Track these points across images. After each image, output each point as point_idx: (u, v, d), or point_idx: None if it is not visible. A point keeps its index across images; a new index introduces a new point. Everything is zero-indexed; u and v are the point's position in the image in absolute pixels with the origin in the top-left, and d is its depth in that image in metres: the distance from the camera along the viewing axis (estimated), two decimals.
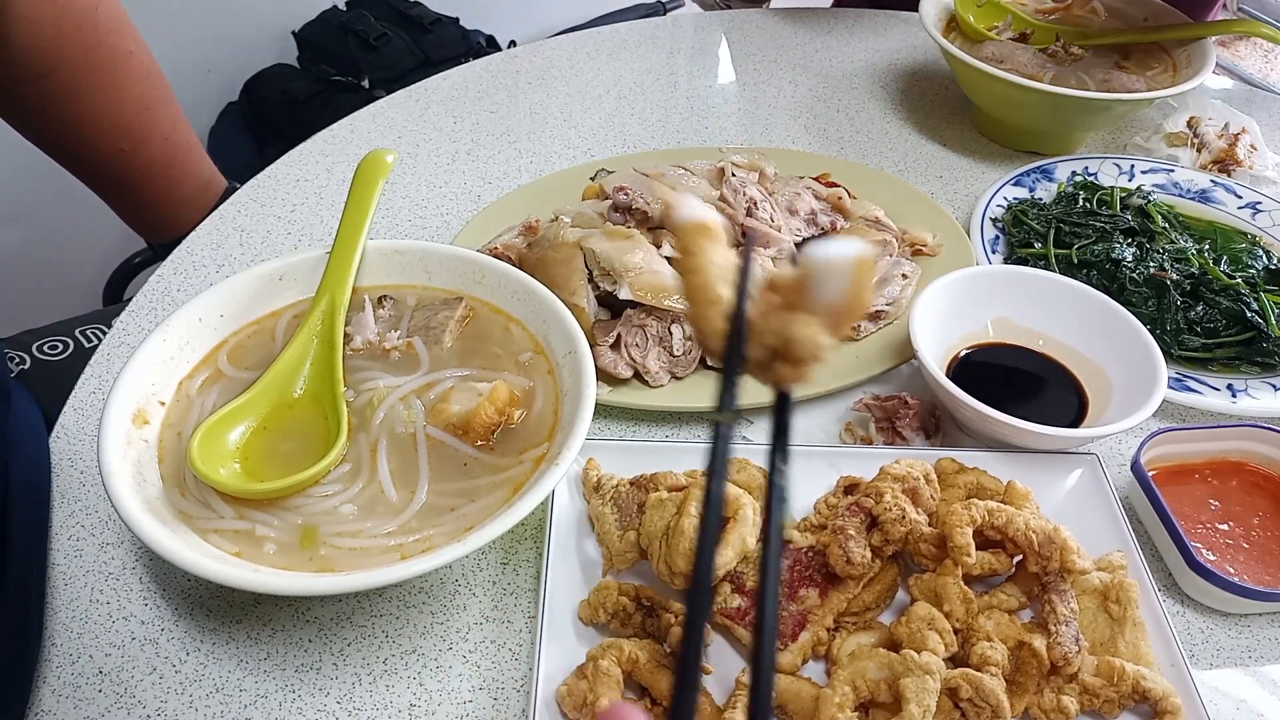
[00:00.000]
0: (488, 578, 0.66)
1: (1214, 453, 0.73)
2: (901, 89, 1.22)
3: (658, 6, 2.45)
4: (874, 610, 0.62)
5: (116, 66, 0.98)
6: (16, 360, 0.98)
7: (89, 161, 1.04)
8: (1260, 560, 0.67)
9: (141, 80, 1.01)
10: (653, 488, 0.64)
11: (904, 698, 0.53)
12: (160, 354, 0.66)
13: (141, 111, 1.02)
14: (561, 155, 1.07)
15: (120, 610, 0.64)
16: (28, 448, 0.70)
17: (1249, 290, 0.83)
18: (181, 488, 0.61)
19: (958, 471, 0.67)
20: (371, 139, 1.09)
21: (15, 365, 0.97)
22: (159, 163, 1.05)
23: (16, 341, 1.01)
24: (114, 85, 0.98)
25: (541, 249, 0.81)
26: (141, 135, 1.03)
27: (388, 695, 0.60)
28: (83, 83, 0.96)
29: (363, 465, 0.63)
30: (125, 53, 0.99)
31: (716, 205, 0.85)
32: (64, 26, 0.92)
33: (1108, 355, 0.76)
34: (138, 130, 1.02)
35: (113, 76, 0.98)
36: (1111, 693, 0.56)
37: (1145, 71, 1.10)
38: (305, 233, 0.95)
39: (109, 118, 1.00)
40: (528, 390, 0.68)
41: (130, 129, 1.02)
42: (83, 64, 0.95)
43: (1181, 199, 0.99)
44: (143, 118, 1.02)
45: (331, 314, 0.70)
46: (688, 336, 0.78)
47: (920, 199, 0.97)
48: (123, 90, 0.99)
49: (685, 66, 1.26)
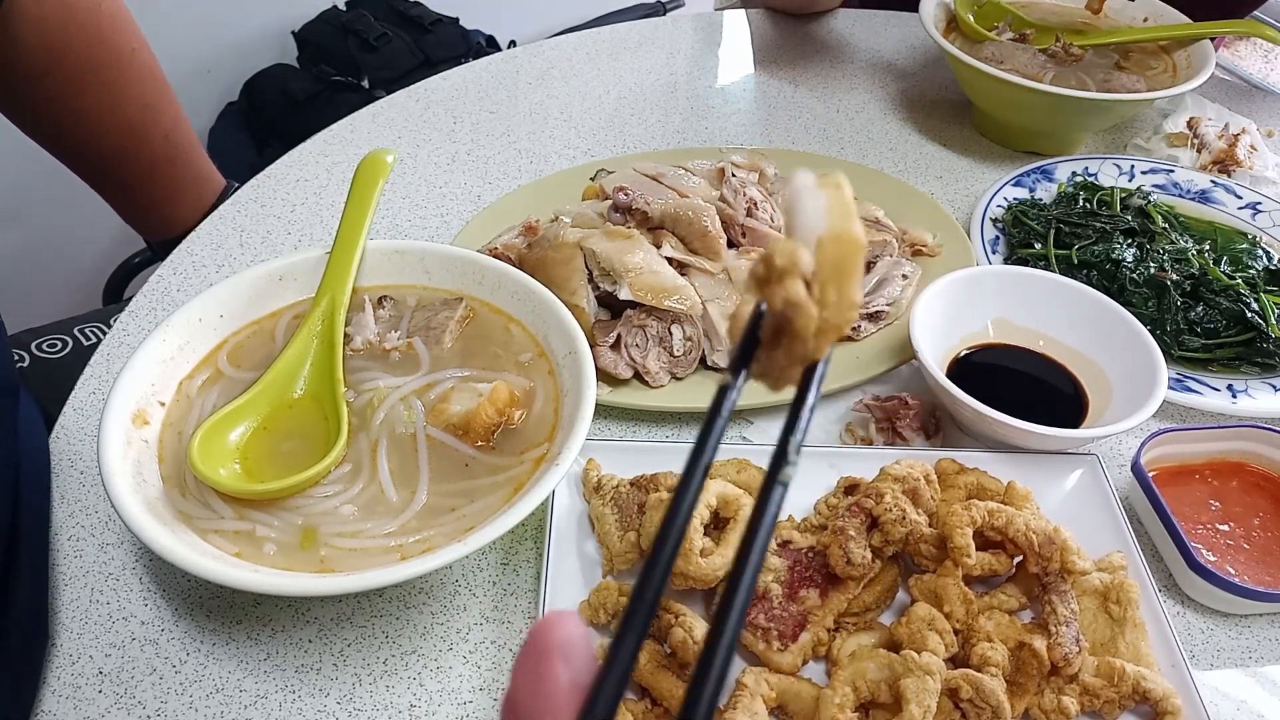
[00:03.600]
0: (488, 578, 0.66)
1: (1214, 453, 0.73)
2: (901, 89, 1.22)
3: (658, 6, 2.45)
4: (874, 611, 0.62)
5: (120, 64, 0.98)
6: (16, 359, 0.98)
7: (90, 158, 1.04)
8: (1261, 561, 0.67)
9: (144, 78, 1.02)
10: (653, 488, 0.64)
11: (904, 698, 0.53)
12: (160, 354, 0.66)
13: (143, 109, 1.02)
14: (561, 155, 1.07)
15: (120, 610, 0.64)
16: (31, 442, 0.70)
17: (1249, 291, 0.83)
18: (181, 488, 0.61)
19: (958, 472, 0.67)
20: (371, 139, 1.09)
21: (15, 363, 0.98)
22: (160, 161, 1.06)
23: (16, 340, 1.01)
24: (117, 83, 0.99)
25: (541, 249, 0.81)
26: (143, 133, 1.03)
27: (388, 696, 0.60)
28: (86, 80, 0.96)
29: (363, 466, 0.63)
30: (129, 51, 0.99)
31: (717, 205, 0.85)
32: (69, 24, 0.92)
33: (1108, 355, 0.76)
34: (139, 128, 1.03)
35: (115, 74, 0.98)
36: (1112, 693, 0.56)
37: (1145, 72, 1.10)
38: (305, 233, 0.95)
39: (111, 115, 1.00)
40: (528, 390, 0.68)
41: (132, 127, 1.02)
42: (86, 61, 0.95)
43: (1181, 199, 0.99)
44: (144, 116, 1.03)
45: (331, 314, 0.70)
46: (688, 336, 0.78)
47: (920, 199, 0.97)
48: (125, 88, 1.00)
49: (685, 66, 1.26)
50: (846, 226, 0.31)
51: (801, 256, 0.31)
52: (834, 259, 0.31)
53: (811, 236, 0.31)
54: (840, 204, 0.32)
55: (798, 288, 0.30)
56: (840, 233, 0.31)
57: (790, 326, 0.31)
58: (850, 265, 0.31)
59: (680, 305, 0.76)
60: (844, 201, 0.32)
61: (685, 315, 0.77)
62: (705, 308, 0.78)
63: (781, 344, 0.31)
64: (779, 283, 0.30)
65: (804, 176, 0.32)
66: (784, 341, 0.31)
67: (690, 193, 0.87)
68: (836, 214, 0.31)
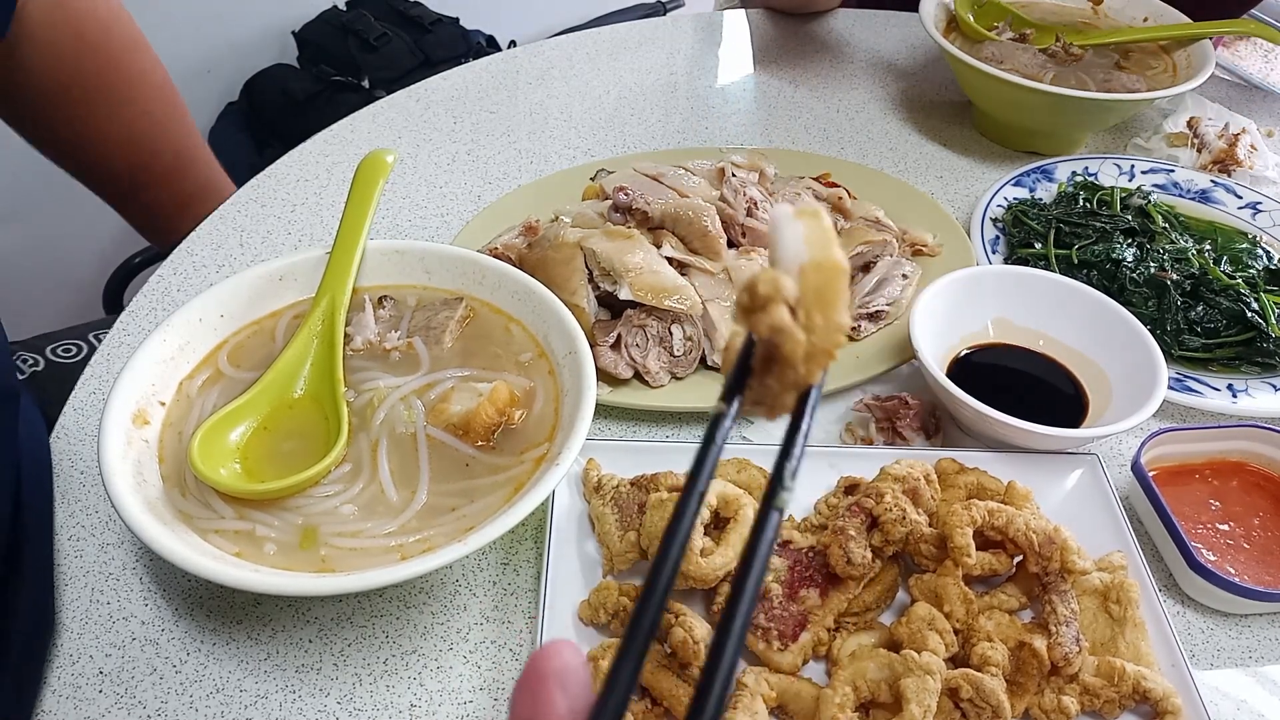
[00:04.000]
0: (488, 578, 0.66)
1: (1214, 453, 0.73)
2: (901, 89, 1.22)
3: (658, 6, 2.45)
4: (874, 610, 0.62)
5: (130, 85, 1.00)
6: (30, 362, 1.00)
7: (104, 176, 1.06)
8: (1261, 560, 0.67)
9: (154, 97, 1.03)
10: (653, 488, 0.64)
11: (904, 698, 0.53)
12: (160, 354, 0.66)
13: (154, 127, 1.04)
14: (561, 155, 1.07)
15: (120, 610, 0.64)
16: (32, 446, 0.70)
17: (1249, 290, 0.83)
18: (182, 488, 0.61)
19: (958, 472, 0.67)
20: (371, 139, 1.09)
21: (28, 367, 1.00)
22: (171, 174, 1.08)
23: (31, 345, 1.03)
24: (128, 103, 1.00)
25: (542, 249, 0.81)
26: (154, 150, 1.05)
27: (388, 696, 0.60)
28: (97, 102, 0.98)
29: (363, 465, 0.63)
30: (139, 71, 1.00)
31: (717, 205, 0.85)
32: (80, 49, 0.93)
33: (1108, 355, 0.76)
34: (151, 145, 1.04)
35: (127, 94, 1.00)
36: (1112, 693, 0.56)
37: (1145, 71, 1.10)
38: (305, 233, 0.95)
39: (123, 134, 1.02)
40: (528, 390, 0.68)
41: (143, 144, 1.04)
42: (97, 84, 0.97)
43: (1182, 199, 0.99)
44: (155, 133, 1.04)
45: (332, 314, 0.70)
46: (688, 336, 0.78)
47: (920, 199, 0.97)
48: (136, 107, 1.02)
49: (685, 66, 1.26)
50: (827, 253, 0.32)
51: (784, 283, 0.31)
52: (817, 285, 0.31)
53: (794, 265, 0.32)
54: (818, 231, 0.32)
55: (782, 314, 0.31)
56: (821, 260, 0.32)
57: (779, 353, 0.31)
58: (833, 290, 0.32)
59: (680, 305, 0.76)
60: (822, 229, 0.32)
61: (685, 315, 0.77)
62: (705, 308, 0.78)
63: (773, 371, 0.32)
64: (763, 310, 0.31)
65: (781, 209, 0.33)
66: (775, 368, 0.32)
67: (690, 193, 0.87)
68: (816, 242, 0.32)
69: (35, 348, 1.02)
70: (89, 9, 0.94)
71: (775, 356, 0.32)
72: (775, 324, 0.31)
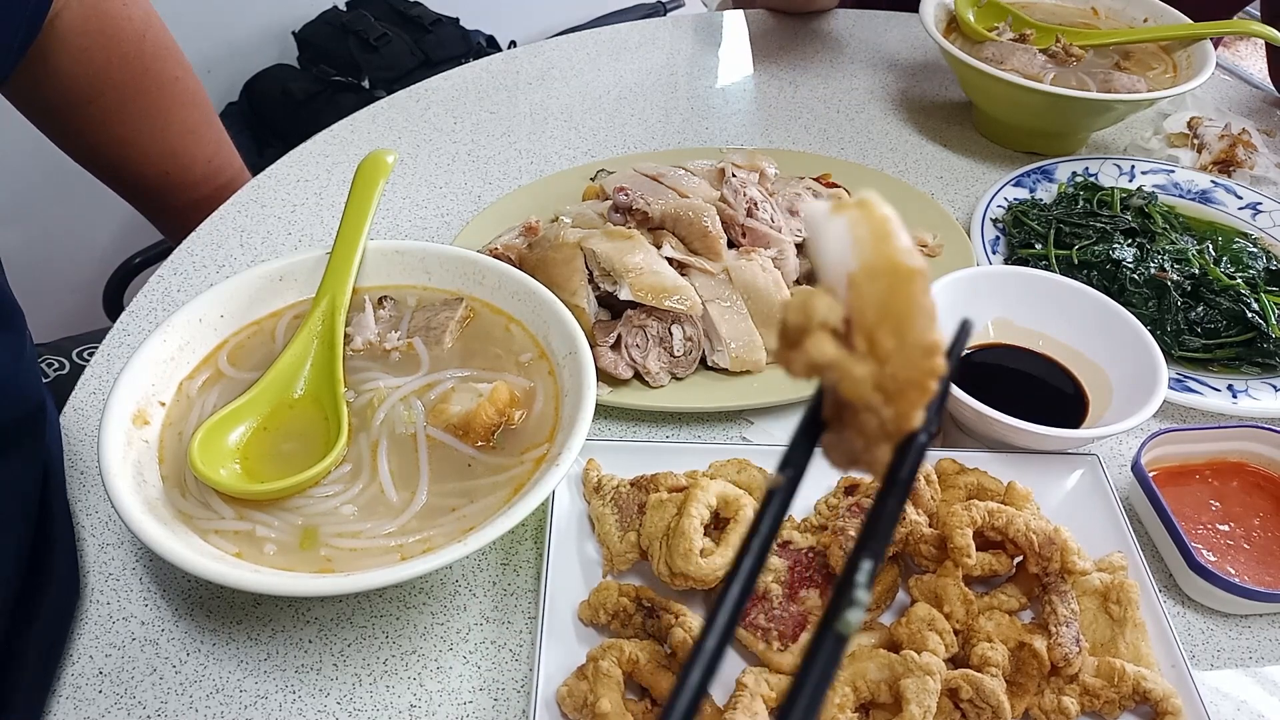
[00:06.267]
0: (488, 578, 0.66)
1: (1214, 453, 0.73)
2: (901, 89, 1.22)
3: (658, 6, 2.45)
4: (874, 611, 0.62)
5: (162, 92, 1.00)
6: (55, 365, 1.01)
7: (132, 182, 1.06)
8: (1261, 561, 0.67)
9: (186, 105, 1.03)
10: (653, 488, 0.64)
11: (904, 698, 0.53)
12: (160, 354, 0.66)
13: (186, 135, 1.04)
14: (561, 155, 1.07)
15: (120, 611, 0.64)
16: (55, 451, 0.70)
17: (1249, 291, 0.83)
18: (182, 488, 0.61)
19: (958, 472, 0.67)
20: (371, 139, 1.09)
21: (54, 370, 1.01)
22: (201, 183, 1.08)
23: (56, 347, 1.05)
24: (159, 110, 1.00)
25: (542, 249, 0.81)
26: (186, 159, 1.05)
27: (388, 696, 0.60)
28: (129, 108, 0.98)
29: (363, 466, 0.63)
30: (171, 78, 1.00)
31: (717, 205, 0.85)
32: (111, 55, 0.93)
33: (1108, 356, 0.76)
34: (182, 154, 1.05)
35: (158, 102, 1.00)
36: (1112, 693, 0.56)
37: (1146, 72, 1.10)
38: (305, 233, 0.95)
39: (154, 142, 1.02)
40: (528, 391, 0.68)
41: (175, 152, 1.04)
42: (129, 90, 0.97)
43: (1182, 199, 0.99)
44: (187, 141, 1.04)
45: (332, 314, 0.70)
46: (688, 337, 0.78)
47: (920, 199, 0.97)
48: (168, 115, 1.02)
49: (685, 66, 1.26)
50: (884, 252, 0.24)
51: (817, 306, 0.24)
52: (876, 297, 0.24)
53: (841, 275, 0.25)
54: (869, 225, 0.25)
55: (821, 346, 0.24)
56: (876, 263, 0.24)
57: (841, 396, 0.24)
58: (903, 300, 0.24)
59: (680, 305, 0.76)
60: (873, 221, 0.25)
61: (685, 315, 0.77)
62: (705, 308, 0.78)
63: (849, 419, 0.25)
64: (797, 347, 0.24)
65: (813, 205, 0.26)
66: (847, 417, 0.25)
67: (690, 193, 0.87)
68: (868, 240, 0.25)
69: (61, 350, 1.03)
70: (122, 16, 0.94)
71: (843, 401, 0.24)
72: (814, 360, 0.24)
